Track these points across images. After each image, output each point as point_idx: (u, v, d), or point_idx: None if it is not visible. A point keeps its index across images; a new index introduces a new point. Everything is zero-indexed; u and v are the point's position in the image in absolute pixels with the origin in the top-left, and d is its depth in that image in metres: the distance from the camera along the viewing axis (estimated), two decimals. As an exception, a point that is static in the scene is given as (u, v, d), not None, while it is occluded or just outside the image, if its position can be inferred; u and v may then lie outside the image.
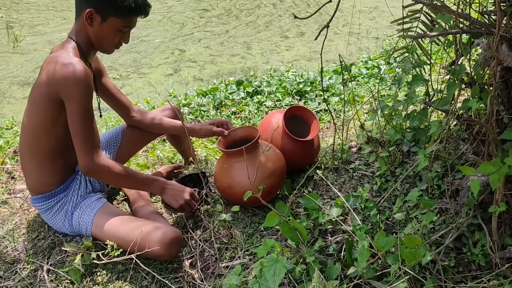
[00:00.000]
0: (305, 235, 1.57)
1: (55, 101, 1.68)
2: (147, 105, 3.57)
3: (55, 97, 1.66)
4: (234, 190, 1.93)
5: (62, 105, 1.69)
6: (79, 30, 1.76)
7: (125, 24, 1.76)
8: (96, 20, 1.72)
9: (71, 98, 1.64)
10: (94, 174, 1.74)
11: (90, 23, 1.73)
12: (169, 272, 1.79)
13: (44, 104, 1.70)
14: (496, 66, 1.49)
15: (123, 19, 1.74)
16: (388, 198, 1.98)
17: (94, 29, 1.74)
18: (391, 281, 1.46)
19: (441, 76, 2.93)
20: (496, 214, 1.51)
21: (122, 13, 1.72)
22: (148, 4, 1.79)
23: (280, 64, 4.54)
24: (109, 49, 1.82)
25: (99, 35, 1.76)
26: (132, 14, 1.75)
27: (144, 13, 1.79)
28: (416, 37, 1.57)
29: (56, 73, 1.63)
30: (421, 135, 2.12)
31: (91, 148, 1.70)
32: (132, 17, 1.76)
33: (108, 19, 1.73)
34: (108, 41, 1.79)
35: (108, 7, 1.71)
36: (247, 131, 2.10)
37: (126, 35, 1.81)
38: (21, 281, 1.78)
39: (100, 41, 1.78)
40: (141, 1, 1.75)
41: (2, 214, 2.14)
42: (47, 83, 1.66)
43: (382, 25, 5.68)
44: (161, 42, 5.24)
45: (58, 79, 1.63)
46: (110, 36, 1.77)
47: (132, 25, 1.79)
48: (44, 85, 1.67)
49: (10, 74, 4.51)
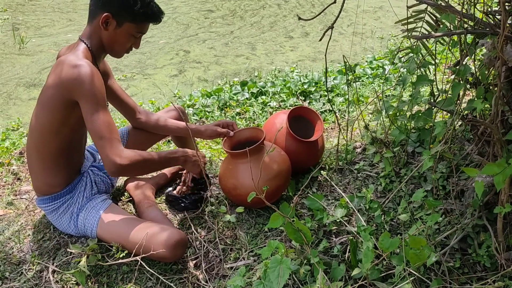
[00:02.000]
0: (309, 236, 1.57)
1: (66, 102, 1.69)
2: (152, 106, 3.58)
3: (67, 98, 1.68)
4: (239, 191, 1.93)
5: (73, 106, 1.70)
6: (92, 33, 1.78)
7: (139, 30, 1.80)
8: (112, 25, 1.75)
9: (83, 98, 1.65)
10: (123, 171, 1.70)
11: (106, 27, 1.76)
12: (173, 273, 1.80)
13: (55, 106, 1.71)
14: (501, 66, 1.48)
15: (138, 25, 1.79)
16: (392, 199, 1.97)
17: (109, 33, 1.77)
18: (396, 282, 1.46)
19: (446, 76, 2.92)
20: (502, 215, 1.50)
21: (137, 19, 1.77)
22: (162, 12, 1.84)
23: (284, 65, 4.54)
24: (120, 53, 1.86)
25: (113, 39, 1.79)
26: (147, 20, 1.80)
27: (158, 21, 1.84)
28: (420, 37, 1.57)
29: (67, 75, 1.64)
30: (426, 136, 2.12)
31: (113, 145, 1.66)
32: (146, 23, 1.81)
33: (123, 24, 1.76)
34: (121, 46, 1.82)
35: (125, 13, 1.74)
36: (252, 132, 2.10)
37: (138, 41, 1.85)
38: (27, 282, 1.79)
39: (112, 45, 1.81)
40: (156, 9, 1.81)
41: (8, 215, 2.15)
42: (58, 85, 1.67)
43: (387, 25, 5.66)
44: (166, 43, 5.26)
45: (69, 81, 1.64)
46: (123, 40, 1.80)
47: (144, 31, 1.84)
48: (54, 87, 1.69)
49: (16, 75, 4.54)
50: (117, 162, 1.66)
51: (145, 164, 1.78)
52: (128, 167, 1.69)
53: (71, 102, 1.69)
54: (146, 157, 1.78)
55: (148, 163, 1.79)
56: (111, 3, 1.73)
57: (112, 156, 1.66)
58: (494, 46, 1.58)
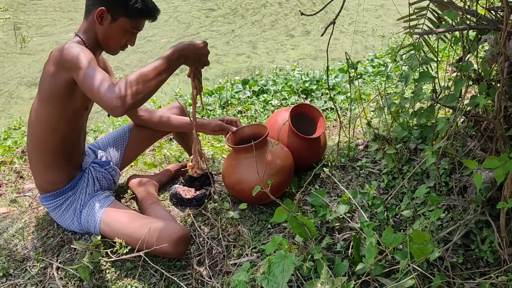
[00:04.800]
0: (313, 230, 1.57)
1: (62, 84, 1.67)
2: (154, 104, 3.58)
3: (62, 80, 1.67)
4: (242, 187, 1.94)
5: (71, 88, 1.69)
6: (87, 29, 1.79)
7: (134, 26, 1.80)
8: (106, 19, 1.76)
9: (76, 66, 1.60)
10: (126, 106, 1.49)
11: (100, 21, 1.76)
12: (177, 269, 1.80)
13: (52, 96, 1.71)
14: (504, 62, 1.49)
15: (132, 20, 1.78)
16: (395, 196, 1.97)
17: (103, 28, 1.77)
18: (399, 278, 1.46)
19: (447, 74, 2.92)
20: (504, 210, 1.50)
21: (132, 14, 1.76)
22: (157, 9, 1.84)
23: (285, 63, 4.54)
24: (115, 49, 1.85)
25: (107, 34, 1.78)
26: (141, 16, 1.80)
27: (152, 18, 1.83)
28: (423, 34, 1.57)
29: (58, 56, 1.65)
30: (428, 132, 2.12)
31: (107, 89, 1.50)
32: (141, 19, 1.81)
33: (118, 19, 1.76)
34: (115, 41, 1.82)
35: (120, 8, 1.75)
36: (256, 128, 2.11)
37: (133, 37, 1.85)
38: (31, 278, 1.80)
39: (107, 41, 1.81)
40: (151, 5, 1.81)
41: (12, 213, 2.16)
42: (51, 71, 1.68)
43: (388, 23, 5.66)
44: (167, 42, 5.26)
45: (59, 59, 1.65)
46: (117, 36, 1.80)
47: (140, 28, 1.83)
48: (47, 75, 1.69)
49: (18, 74, 4.54)
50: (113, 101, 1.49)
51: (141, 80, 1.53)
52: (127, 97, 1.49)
53: (66, 84, 1.67)
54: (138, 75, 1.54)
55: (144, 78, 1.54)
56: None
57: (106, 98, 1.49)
58: (496, 42, 1.58)
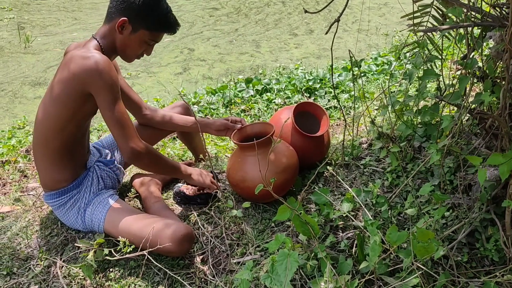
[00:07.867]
0: (317, 228, 1.57)
1: (77, 96, 1.70)
2: (157, 103, 3.59)
3: (80, 91, 1.69)
4: (247, 184, 1.93)
5: (84, 100, 1.71)
6: (106, 34, 1.79)
7: (153, 38, 1.82)
8: (127, 29, 1.77)
9: (100, 90, 1.67)
10: (141, 158, 1.77)
11: (121, 31, 1.77)
12: (180, 268, 1.80)
13: (64, 101, 1.72)
14: (509, 59, 1.48)
15: (152, 33, 1.80)
16: (399, 194, 1.96)
17: (123, 37, 1.78)
18: (403, 276, 1.46)
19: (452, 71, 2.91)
20: (510, 208, 1.49)
21: (153, 27, 1.79)
22: (178, 24, 1.86)
23: (289, 62, 4.54)
24: (131, 58, 1.87)
25: (126, 43, 1.80)
26: (162, 30, 1.82)
27: (173, 31, 1.85)
28: (427, 30, 1.56)
29: (81, 67, 1.65)
30: (432, 130, 2.11)
31: (132, 133, 1.74)
32: (161, 32, 1.83)
33: (138, 31, 1.78)
34: (133, 51, 1.84)
35: (142, 20, 1.76)
36: (262, 127, 2.10)
37: (150, 48, 1.87)
38: (35, 277, 1.80)
39: (124, 49, 1.83)
40: (173, 20, 1.83)
41: (16, 211, 2.16)
42: (69, 78, 1.68)
43: (391, 21, 5.65)
44: (170, 41, 5.26)
45: (83, 73, 1.65)
46: (135, 46, 1.82)
47: (158, 40, 1.85)
48: (65, 81, 1.69)
49: (22, 74, 4.56)
50: (137, 148, 1.74)
51: (157, 159, 1.86)
52: (145, 156, 1.77)
53: (83, 96, 1.70)
54: (160, 154, 1.89)
55: (160, 160, 1.87)
56: (130, 9, 1.74)
57: (132, 143, 1.73)
58: (501, 38, 1.57)
